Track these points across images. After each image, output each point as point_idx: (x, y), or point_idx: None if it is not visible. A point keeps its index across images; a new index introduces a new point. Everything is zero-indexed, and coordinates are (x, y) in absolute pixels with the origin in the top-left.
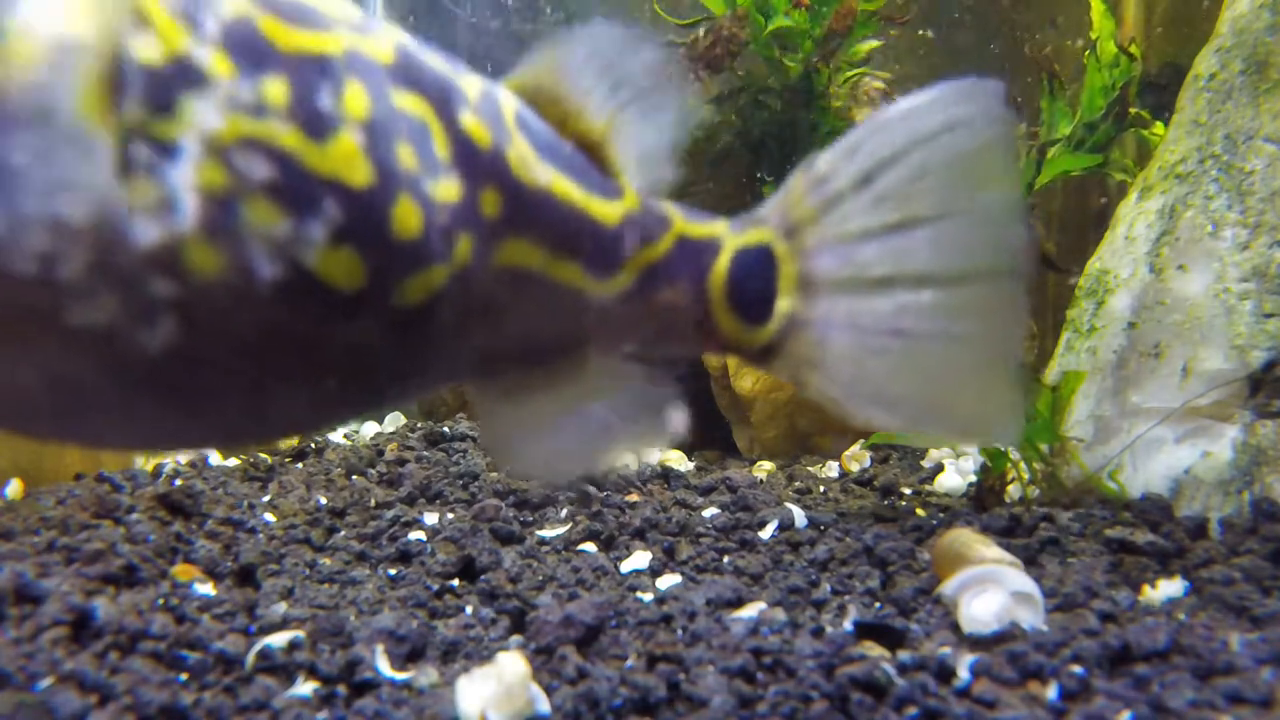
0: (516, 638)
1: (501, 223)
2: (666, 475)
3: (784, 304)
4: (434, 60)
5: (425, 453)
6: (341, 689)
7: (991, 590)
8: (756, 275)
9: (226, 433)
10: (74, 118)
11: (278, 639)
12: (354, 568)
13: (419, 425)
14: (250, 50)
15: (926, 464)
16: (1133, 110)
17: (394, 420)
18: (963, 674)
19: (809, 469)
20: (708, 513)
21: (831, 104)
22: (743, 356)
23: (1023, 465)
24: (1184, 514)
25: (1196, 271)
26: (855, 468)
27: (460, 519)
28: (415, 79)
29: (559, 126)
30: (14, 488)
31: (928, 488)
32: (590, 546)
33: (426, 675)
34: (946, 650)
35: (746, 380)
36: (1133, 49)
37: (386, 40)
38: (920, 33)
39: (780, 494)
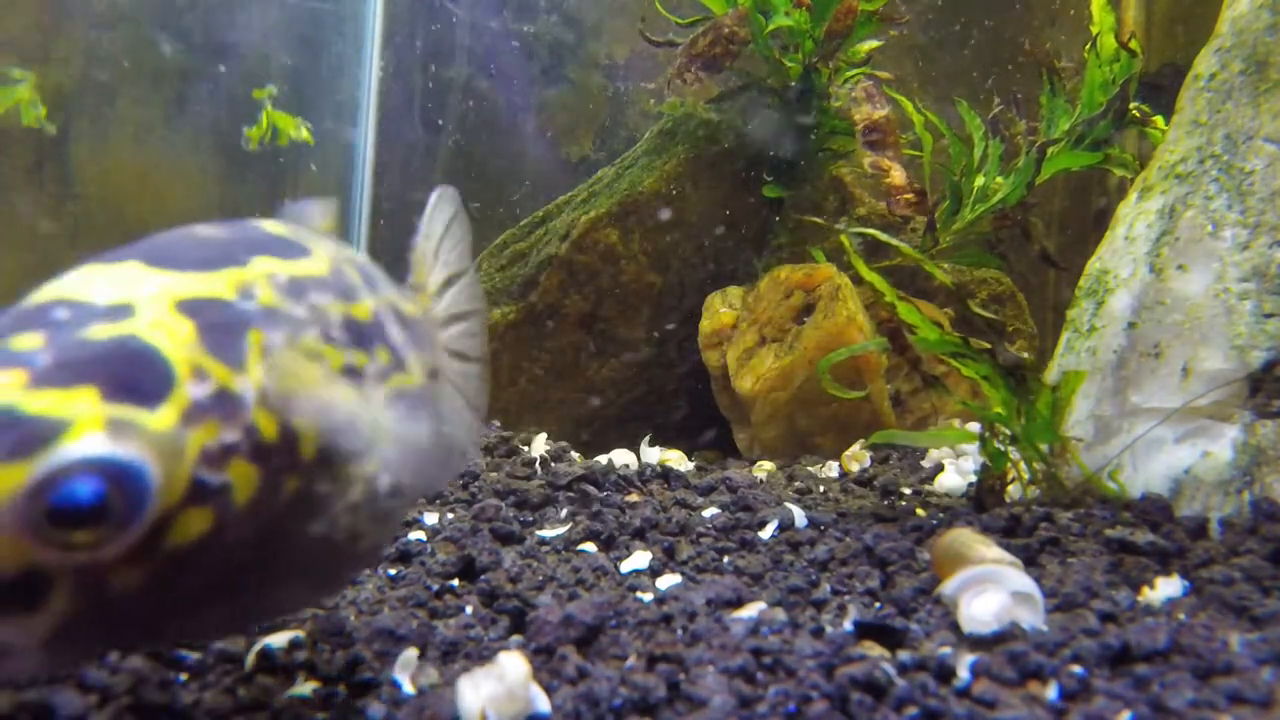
0: (516, 638)
1: None
2: (666, 475)
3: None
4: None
5: None
6: (341, 689)
7: (991, 590)
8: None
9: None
10: None
11: (278, 639)
12: None
13: None
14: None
15: (926, 464)
16: (1133, 106)
17: None
18: (963, 674)
19: (809, 469)
20: (708, 513)
21: (831, 104)
22: None
23: (1023, 465)
24: (1184, 514)
25: (1196, 271)
26: (855, 468)
27: (460, 519)
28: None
29: None
30: None
31: (928, 488)
32: (590, 546)
33: (426, 675)
34: (946, 650)
35: (746, 380)
36: (1133, 44)
37: (153, 298)
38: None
39: (780, 494)
